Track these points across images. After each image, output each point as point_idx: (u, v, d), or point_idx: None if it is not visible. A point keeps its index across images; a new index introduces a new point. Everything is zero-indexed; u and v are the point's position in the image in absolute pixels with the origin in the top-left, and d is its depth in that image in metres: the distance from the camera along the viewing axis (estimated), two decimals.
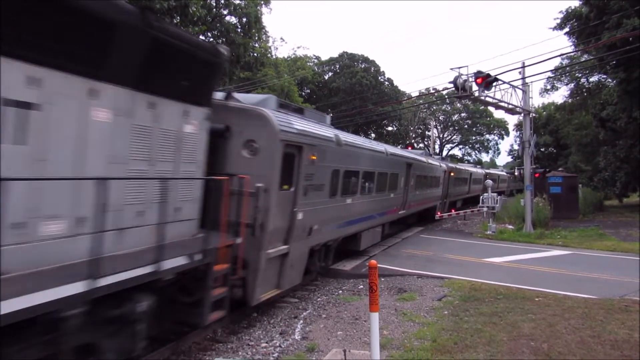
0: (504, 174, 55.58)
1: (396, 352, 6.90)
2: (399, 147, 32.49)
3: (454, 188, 30.24)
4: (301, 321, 8.79)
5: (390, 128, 65.68)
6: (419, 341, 7.33)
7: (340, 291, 11.11)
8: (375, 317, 5.43)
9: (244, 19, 33.44)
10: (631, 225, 24.29)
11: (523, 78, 21.94)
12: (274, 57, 42.80)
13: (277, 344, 7.62)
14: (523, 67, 21.82)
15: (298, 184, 9.14)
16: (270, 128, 8.19)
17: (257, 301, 8.29)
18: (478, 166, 52.24)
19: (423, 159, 22.20)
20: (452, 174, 28.72)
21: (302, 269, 10.05)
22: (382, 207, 15.47)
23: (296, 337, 7.90)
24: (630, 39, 22.28)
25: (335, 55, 60.49)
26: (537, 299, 9.72)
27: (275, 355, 7.20)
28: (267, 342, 7.74)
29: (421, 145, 64.96)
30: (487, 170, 48.39)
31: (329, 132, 11.06)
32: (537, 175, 25.81)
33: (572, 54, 34.04)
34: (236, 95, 8.84)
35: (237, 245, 7.41)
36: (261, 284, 8.28)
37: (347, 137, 12.49)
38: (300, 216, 9.29)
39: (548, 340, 7.18)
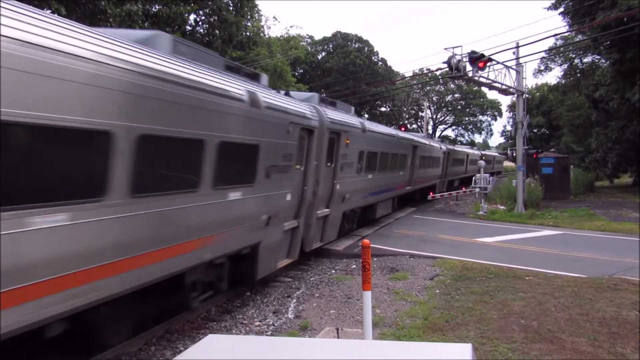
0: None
1: (388, 330, 6.98)
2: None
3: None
4: (294, 300, 8.86)
5: (383, 109, 65.47)
6: (411, 319, 7.42)
7: (333, 271, 11.18)
8: (367, 295, 5.47)
9: None
10: (621, 205, 24.54)
11: (517, 58, 21.84)
12: (266, 36, 42.27)
13: (271, 323, 7.68)
14: (517, 47, 21.71)
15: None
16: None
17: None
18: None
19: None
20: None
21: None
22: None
23: (289, 316, 7.97)
24: (625, 19, 22.22)
25: (329, 34, 59.95)
26: (527, 278, 9.83)
27: (269, 333, 7.26)
28: (260, 321, 7.80)
29: (414, 125, 64.87)
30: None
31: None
32: (535, 155, 25.99)
33: (566, 34, 33.94)
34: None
35: None
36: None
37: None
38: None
39: (538, 318, 7.29)
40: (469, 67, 18.29)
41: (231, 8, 31.93)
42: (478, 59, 18.18)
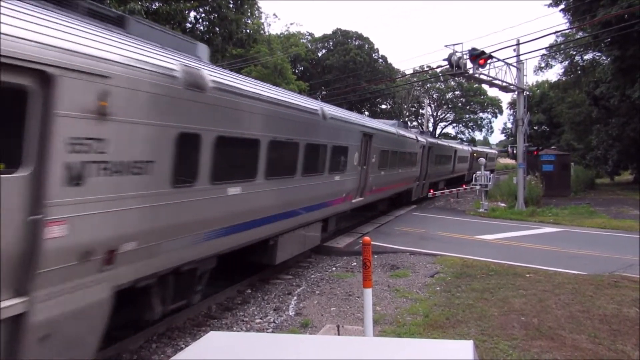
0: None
1: (389, 327, 6.99)
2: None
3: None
4: (295, 297, 8.86)
5: (384, 106, 65.43)
6: (412, 316, 7.42)
7: (334, 268, 11.18)
8: (368, 293, 5.48)
9: None
10: (621, 202, 24.53)
11: (518, 55, 21.80)
12: (266, 34, 42.22)
13: (271, 320, 7.69)
14: (518, 44, 21.67)
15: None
16: None
17: None
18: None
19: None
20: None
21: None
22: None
23: (290, 313, 7.98)
24: (626, 16, 22.15)
25: (329, 32, 59.87)
26: (528, 275, 9.84)
27: (270, 330, 7.27)
28: (261, 318, 7.81)
29: (414, 123, 64.81)
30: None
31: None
32: (535, 152, 25.90)
33: (567, 31, 33.89)
34: None
35: None
36: None
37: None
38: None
39: (538, 315, 7.29)
40: (469, 65, 18.27)
41: (231, 5, 31.86)
42: (479, 56, 18.16)
